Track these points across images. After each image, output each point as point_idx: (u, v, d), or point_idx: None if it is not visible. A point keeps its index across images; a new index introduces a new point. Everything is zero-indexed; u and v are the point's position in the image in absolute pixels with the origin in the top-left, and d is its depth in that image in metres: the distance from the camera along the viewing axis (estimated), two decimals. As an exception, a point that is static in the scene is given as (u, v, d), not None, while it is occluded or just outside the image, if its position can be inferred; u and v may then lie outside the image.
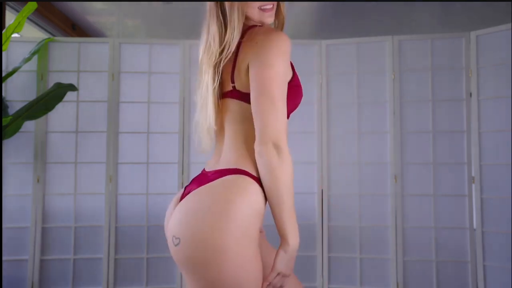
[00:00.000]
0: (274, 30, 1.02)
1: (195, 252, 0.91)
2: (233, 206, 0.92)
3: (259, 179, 0.98)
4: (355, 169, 2.61)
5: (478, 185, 2.42)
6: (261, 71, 0.96)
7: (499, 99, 2.38)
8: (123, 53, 2.64)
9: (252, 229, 0.94)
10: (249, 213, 0.94)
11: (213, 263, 0.90)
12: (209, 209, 0.93)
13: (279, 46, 0.97)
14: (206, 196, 0.96)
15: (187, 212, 0.95)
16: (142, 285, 2.54)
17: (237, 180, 0.97)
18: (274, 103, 0.95)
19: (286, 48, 0.98)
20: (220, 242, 0.89)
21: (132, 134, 2.60)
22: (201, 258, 0.90)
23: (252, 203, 0.95)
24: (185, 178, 2.59)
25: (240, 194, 0.94)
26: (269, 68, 0.96)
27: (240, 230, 0.91)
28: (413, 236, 2.52)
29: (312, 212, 2.62)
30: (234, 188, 0.95)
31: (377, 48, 2.63)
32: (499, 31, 2.40)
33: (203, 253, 0.90)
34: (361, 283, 2.56)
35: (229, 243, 0.90)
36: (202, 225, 0.91)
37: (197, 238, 0.91)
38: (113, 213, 2.54)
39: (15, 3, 3.07)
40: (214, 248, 0.89)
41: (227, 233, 0.90)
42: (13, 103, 2.52)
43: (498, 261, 2.34)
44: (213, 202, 0.93)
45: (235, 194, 0.94)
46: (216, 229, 0.90)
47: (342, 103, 2.65)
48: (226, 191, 0.95)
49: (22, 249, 2.48)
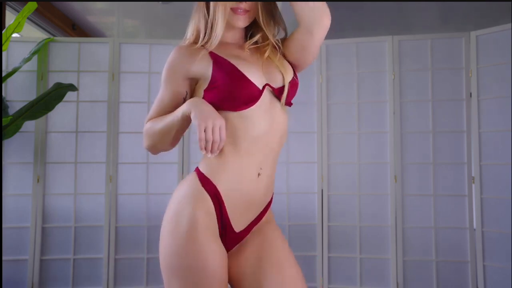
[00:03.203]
0: None
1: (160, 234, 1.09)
2: (175, 196, 1.07)
3: (203, 174, 1.06)
4: (355, 169, 2.61)
5: (478, 185, 2.42)
6: None
7: (499, 99, 2.38)
8: (123, 53, 2.64)
9: (187, 218, 1.01)
10: (181, 202, 1.04)
11: (160, 245, 1.06)
12: (171, 200, 1.09)
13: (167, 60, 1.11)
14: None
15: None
16: (142, 285, 2.54)
17: (188, 176, 1.10)
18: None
19: (169, 59, 1.10)
20: (162, 228, 1.06)
21: (132, 134, 2.60)
22: (161, 237, 1.08)
23: (184, 192, 1.05)
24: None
25: (181, 185, 1.09)
26: None
27: (174, 218, 1.03)
28: (413, 236, 2.52)
29: (312, 212, 2.62)
30: (182, 182, 1.10)
31: (377, 48, 2.63)
32: (499, 31, 2.40)
33: (161, 235, 1.07)
34: (361, 283, 2.56)
35: (165, 230, 1.04)
36: (166, 212, 1.08)
37: (162, 220, 1.09)
38: (113, 213, 2.54)
39: (15, 3, 3.07)
40: (161, 233, 1.07)
41: (166, 220, 1.05)
42: (13, 103, 2.52)
43: (498, 261, 2.34)
44: (175, 192, 1.10)
45: (179, 186, 1.10)
46: (165, 217, 1.07)
47: (342, 103, 2.65)
48: (180, 184, 1.12)
49: (22, 249, 2.48)
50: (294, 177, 2.64)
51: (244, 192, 1.05)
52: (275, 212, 2.59)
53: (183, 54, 1.07)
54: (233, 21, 1.07)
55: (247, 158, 1.04)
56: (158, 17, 4.02)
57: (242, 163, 1.04)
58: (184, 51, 1.08)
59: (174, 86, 1.08)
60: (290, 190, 2.63)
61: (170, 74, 1.08)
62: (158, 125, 1.08)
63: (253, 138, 1.03)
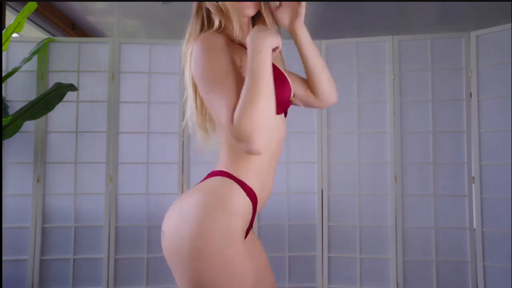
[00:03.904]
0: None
1: (174, 249, 0.93)
2: (210, 206, 0.93)
3: (242, 181, 0.99)
4: (355, 169, 2.61)
5: (478, 185, 2.42)
6: (195, 77, 0.99)
7: (499, 99, 2.38)
8: (123, 53, 2.64)
9: (231, 231, 0.93)
10: (227, 214, 0.94)
11: (189, 263, 0.90)
12: (189, 208, 0.94)
13: (202, 45, 0.96)
14: (190, 195, 0.98)
15: (173, 209, 0.99)
16: (142, 285, 2.54)
17: (218, 181, 0.99)
18: (214, 93, 0.92)
19: (205, 44, 0.96)
20: (195, 243, 0.90)
21: (132, 134, 2.60)
22: (179, 256, 0.92)
23: (230, 205, 0.95)
24: (185, 178, 2.59)
25: (217, 195, 0.96)
26: (196, 67, 0.97)
27: (216, 231, 0.91)
28: (413, 236, 2.52)
29: (312, 212, 2.62)
30: (213, 189, 0.98)
31: (377, 48, 2.63)
32: (499, 31, 2.40)
33: (181, 251, 0.91)
34: (361, 283, 2.56)
35: (204, 244, 0.90)
36: (181, 224, 0.93)
37: (176, 236, 0.93)
38: (113, 213, 2.54)
39: (15, 3, 3.07)
40: (189, 247, 0.90)
41: (202, 234, 0.91)
42: (13, 103, 2.52)
43: (498, 261, 2.34)
44: (193, 201, 0.95)
45: (213, 195, 0.96)
46: (193, 229, 0.91)
47: (342, 103, 2.65)
48: (205, 192, 0.97)
49: (22, 249, 2.48)
50: (294, 177, 2.64)
51: (265, 194, 1.06)
52: (275, 212, 2.60)
53: (224, 40, 0.99)
54: (242, 10, 1.02)
55: (267, 160, 1.05)
56: (158, 17, 4.02)
57: (264, 164, 1.04)
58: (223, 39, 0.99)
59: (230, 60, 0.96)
60: (290, 190, 2.63)
61: (223, 52, 0.95)
62: (252, 92, 0.87)
63: (273, 140, 1.04)
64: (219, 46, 0.96)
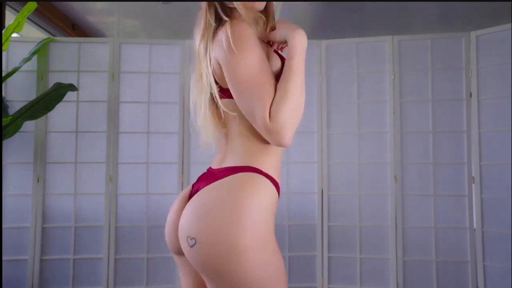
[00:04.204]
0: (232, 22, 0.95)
1: (214, 252, 0.86)
2: (248, 202, 0.89)
3: (269, 175, 0.97)
4: (355, 169, 2.61)
5: (478, 185, 2.42)
6: (227, 63, 0.92)
7: (499, 99, 2.38)
8: (123, 53, 2.64)
9: (269, 225, 0.92)
10: (264, 209, 0.91)
11: (235, 263, 0.86)
12: (224, 206, 0.89)
13: (236, 34, 0.91)
14: (219, 193, 0.92)
15: (201, 210, 0.90)
16: (142, 285, 2.54)
17: (248, 177, 0.94)
18: (249, 91, 0.90)
19: (241, 33, 0.92)
20: (239, 241, 0.86)
21: (132, 134, 2.60)
22: (221, 258, 0.86)
23: (265, 200, 0.93)
24: (185, 178, 2.59)
25: (253, 191, 0.91)
26: (233, 59, 0.91)
27: (257, 227, 0.88)
28: (413, 236, 2.52)
29: (312, 212, 2.62)
30: (246, 185, 0.92)
31: (377, 48, 2.63)
32: (499, 31, 2.40)
33: (223, 253, 0.86)
34: (361, 283, 2.56)
35: (248, 241, 0.86)
36: (219, 223, 0.87)
37: (215, 237, 0.86)
38: (113, 213, 2.54)
39: (15, 3, 3.07)
40: (233, 247, 0.86)
41: (245, 231, 0.86)
42: (13, 103, 2.52)
43: (498, 261, 2.34)
44: (227, 199, 0.90)
45: (249, 191, 0.91)
46: (234, 227, 0.86)
47: (342, 103, 2.65)
48: (239, 188, 0.91)
49: (22, 249, 2.48)
50: (294, 177, 2.64)
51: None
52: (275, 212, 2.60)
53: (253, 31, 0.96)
54: (253, 5, 1.00)
55: (281, 153, 1.06)
56: (158, 17, 4.02)
57: (280, 157, 1.04)
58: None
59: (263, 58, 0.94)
60: (290, 190, 2.63)
61: (253, 50, 0.92)
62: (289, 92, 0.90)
63: None
64: (252, 35, 0.93)
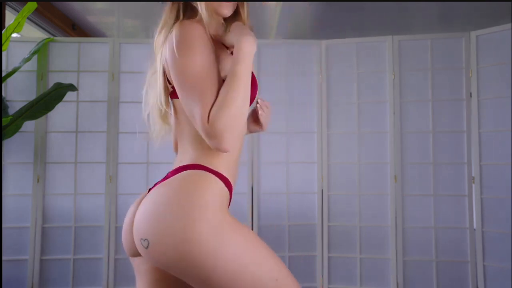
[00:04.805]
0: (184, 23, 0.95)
1: (168, 250, 0.84)
2: (194, 198, 0.87)
3: (217, 172, 0.95)
4: (355, 169, 2.61)
5: (478, 185, 2.42)
6: (172, 64, 0.92)
7: (499, 99, 2.38)
8: (123, 53, 2.63)
9: (224, 214, 0.89)
10: (214, 199, 0.90)
11: (190, 255, 0.83)
12: (170, 204, 0.87)
13: (182, 35, 0.91)
14: (165, 192, 0.90)
15: (149, 211, 0.89)
16: (142, 285, 2.53)
17: (194, 174, 0.93)
18: (192, 87, 0.89)
19: (187, 34, 0.91)
20: (194, 234, 0.83)
21: (132, 134, 2.60)
22: (177, 254, 0.84)
23: (212, 194, 0.90)
24: (185, 178, 2.58)
25: (198, 187, 0.90)
26: (176, 60, 0.91)
27: (212, 216, 0.86)
28: (413, 236, 2.52)
29: (312, 212, 2.62)
30: (190, 182, 0.91)
31: (377, 48, 2.63)
32: (499, 31, 2.40)
33: (176, 248, 0.83)
34: (361, 283, 2.56)
35: (206, 231, 0.84)
36: (167, 221, 0.85)
37: (166, 236, 0.84)
38: (113, 213, 2.54)
39: (15, 3, 3.07)
40: (190, 241, 0.83)
41: (194, 223, 0.84)
42: (13, 103, 2.52)
43: (498, 261, 2.34)
44: (173, 196, 0.88)
45: (193, 187, 0.89)
46: (182, 222, 0.84)
47: (342, 103, 2.65)
48: (184, 185, 0.90)
49: (22, 249, 2.48)
50: (294, 177, 2.64)
51: (234, 185, 1.04)
52: (275, 212, 2.60)
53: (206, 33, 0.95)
54: (220, 9, 1.00)
55: (237, 153, 1.03)
56: (158, 17, 4.02)
57: (234, 157, 1.01)
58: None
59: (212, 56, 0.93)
60: (290, 190, 2.63)
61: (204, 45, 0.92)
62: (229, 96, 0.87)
63: (242, 135, 1.03)
64: (200, 36, 0.92)
